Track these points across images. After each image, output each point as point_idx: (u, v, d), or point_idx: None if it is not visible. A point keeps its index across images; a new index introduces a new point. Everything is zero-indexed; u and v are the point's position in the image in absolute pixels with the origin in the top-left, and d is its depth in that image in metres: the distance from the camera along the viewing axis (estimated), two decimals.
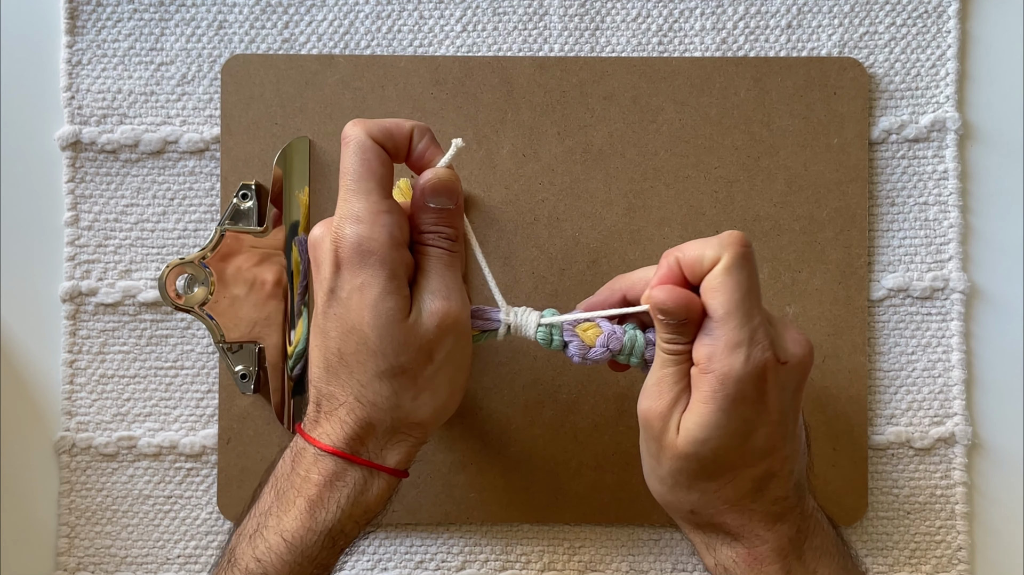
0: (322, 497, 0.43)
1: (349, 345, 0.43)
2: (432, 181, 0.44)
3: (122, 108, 0.56)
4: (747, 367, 0.40)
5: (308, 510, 0.43)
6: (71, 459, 0.56)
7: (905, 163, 0.56)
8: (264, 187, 0.55)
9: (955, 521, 0.56)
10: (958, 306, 0.56)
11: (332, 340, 0.43)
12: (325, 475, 0.43)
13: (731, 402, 0.40)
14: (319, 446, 0.44)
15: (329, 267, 0.43)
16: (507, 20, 0.56)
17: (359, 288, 0.42)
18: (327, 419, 0.44)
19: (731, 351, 0.40)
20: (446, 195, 0.44)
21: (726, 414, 0.41)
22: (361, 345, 0.42)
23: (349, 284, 0.42)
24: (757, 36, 0.56)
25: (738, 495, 0.43)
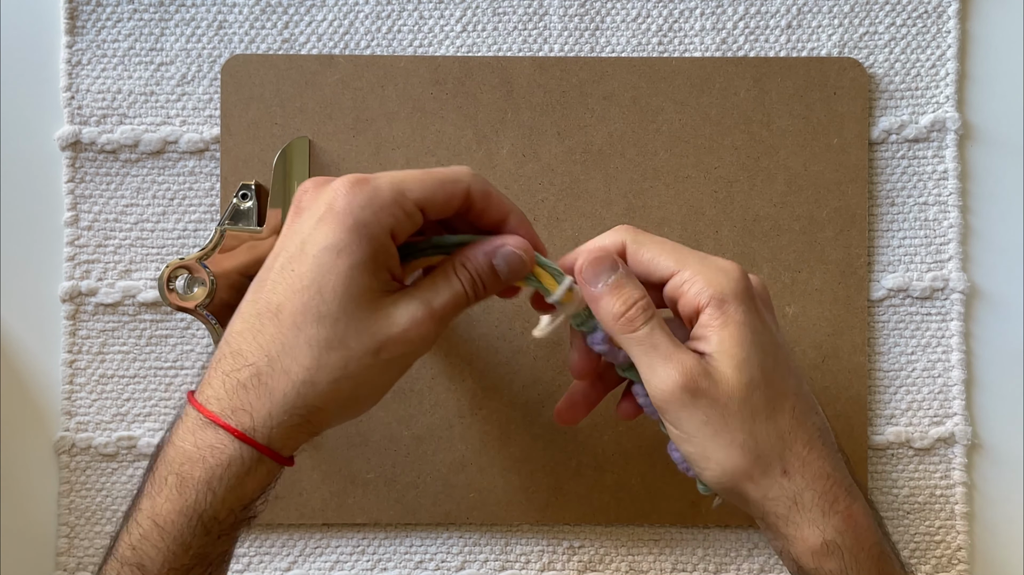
0: (193, 475, 0.38)
1: (294, 302, 0.38)
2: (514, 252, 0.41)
3: (122, 108, 0.56)
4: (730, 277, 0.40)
5: (178, 488, 0.38)
6: (71, 459, 0.56)
7: (905, 163, 0.56)
8: (264, 187, 0.55)
9: (955, 521, 0.56)
10: (958, 306, 0.56)
11: (276, 294, 0.39)
12: (200, 447, 0.38)
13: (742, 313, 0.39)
14: (202, 411, 0.39)
15: (314, 218, 0.39)
16: (507, 20, 0.56)
17: (341, 248, 0.38)
18: (222, 381, 0.39)
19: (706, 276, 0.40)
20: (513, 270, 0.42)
21: (746, 327, 0.39)
22: (310, 304, 0.38)
23: (328, 239, 0.38)
24: (757, 36, 0.56)
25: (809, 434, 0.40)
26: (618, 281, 0.41)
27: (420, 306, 0.40)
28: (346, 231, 0.38)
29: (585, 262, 0.41)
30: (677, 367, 0.39)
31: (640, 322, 0.40)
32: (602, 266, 0.41)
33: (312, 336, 0.38)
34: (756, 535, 0.56)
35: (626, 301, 0.41)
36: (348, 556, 0.56)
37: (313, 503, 0.55)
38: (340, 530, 0.56)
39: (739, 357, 0.39)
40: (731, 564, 0.56)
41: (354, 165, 0.55)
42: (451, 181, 0.41)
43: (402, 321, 0.39)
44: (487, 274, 0.41)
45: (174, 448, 0.39)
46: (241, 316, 0.40)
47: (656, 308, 0.41)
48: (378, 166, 0.55)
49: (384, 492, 0.55)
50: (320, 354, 0.38)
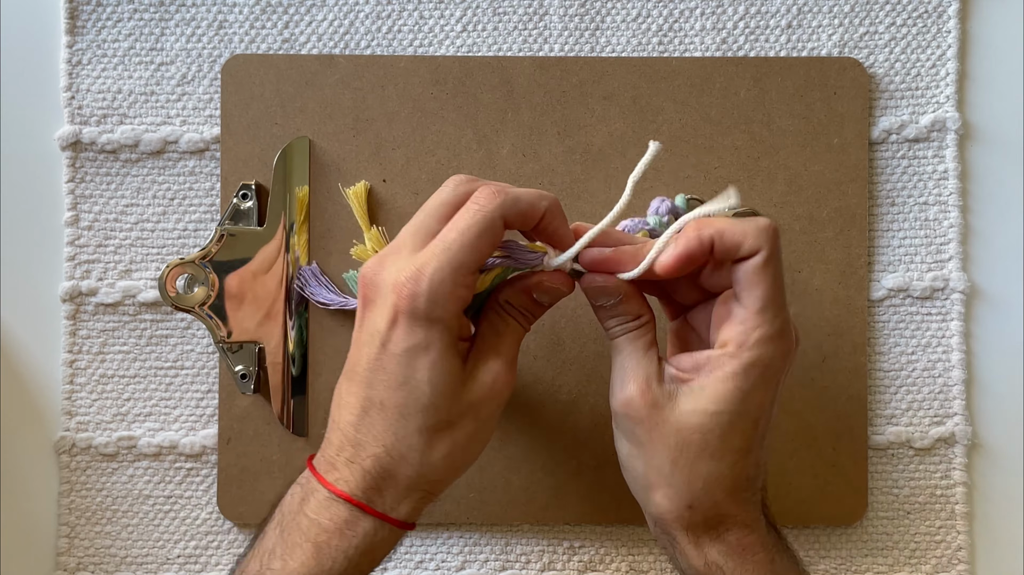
0: (330, 544, 0.42)
1: (396, 398, 0.41)
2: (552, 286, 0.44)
3: (122, 108, 0.56)
4: (781, 359, 0.42)
5: (315, 556, 0.42)
6: (71, 459, 0.56)
7: (905, 163, 0.56)
8: (264, 187, 0.55)
9: (955, 521, 0.56)
10: (958, 306, 0.56)
11: (376, 391, 0.42)
12: (336, 522, 0.42)
13: (753, 386, 0.41)
14: (335, 491, 0.42)
15: (386, 318, 0.41)
16: (507, 20, 0.56)
17: (422, 347, 0.41)
18: (347, 466, 0.43)
19: (767, 342, 0.41)
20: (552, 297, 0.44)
21: (745, 394, 0.41)
22: (410, 399, 0.41)
23: (407, 342, 0.41)
24: (757, 36, 0.56)
25: (736, 483, 0.43)
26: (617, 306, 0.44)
27: (496, 360, 0.43)
28: (423, 330, 0.41)
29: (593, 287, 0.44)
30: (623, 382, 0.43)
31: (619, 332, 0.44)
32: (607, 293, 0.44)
33: (419, 424, 0.42)
34: None
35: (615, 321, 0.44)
36: None
37: None
38: None
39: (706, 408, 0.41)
40: None
41: (354, 165, 0.55)
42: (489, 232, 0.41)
43: (488, 380, 0.43)
44: (532, 306, 0.44)
45: (307, 520, 0.43)
46: (348, 409, 0.43)
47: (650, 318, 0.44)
48: (378, 166, 0.55)
49: None
50: (430, 438, 0.42)
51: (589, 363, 0.55)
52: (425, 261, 0.40)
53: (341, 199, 0.55)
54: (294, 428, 0.55)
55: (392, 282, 0.41)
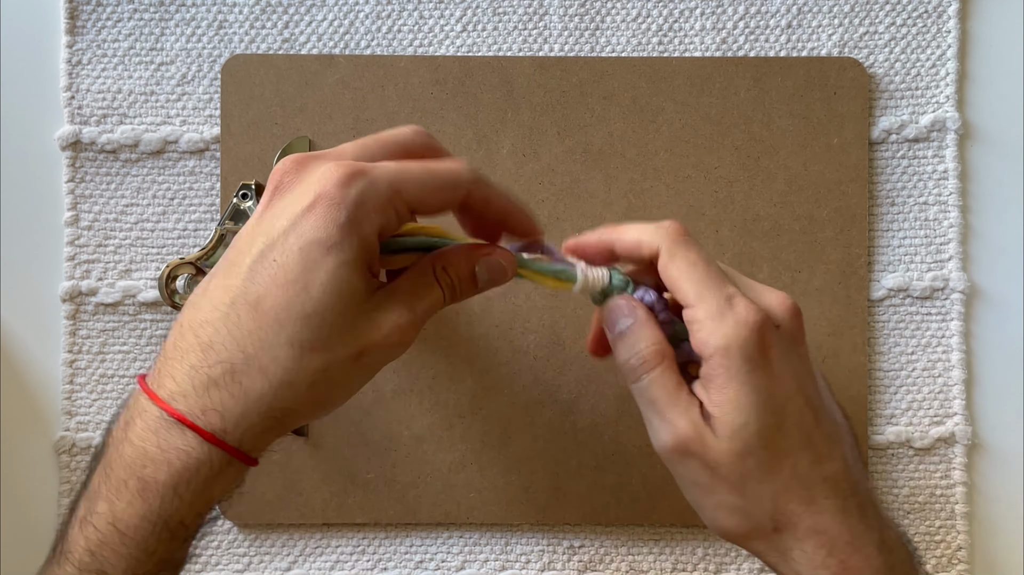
0: (158, 478, 0.35)
1: (277, 296, 0.35)
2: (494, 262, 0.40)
3: (122, 108, 0.56)
4: (739, 329, 0.38)
5: (141, 494, 0.36)
6: (71, 459, 0.56)
7: (905, 163, 0.56)
8: (264, 187, 0.55)
9: (955, 521, 0.56)
10: (958, 306, 0.56)
11: (255, 284, 0.36)
12: (164, 449, 0.35)
13: (745, 372, 0.38)
14: (167, 409, 0.35)
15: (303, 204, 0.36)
16: (507, 20, 0.56)
17: (326, 246, 0.35)
18: (188, 377, 0.36)
19: (716, 321, 0.38)
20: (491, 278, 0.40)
21: (748, 386, 0.38)
22: (296, 301, 0.35)
23: (319, 232, 0.35)
24: (757, 36, 0.56)
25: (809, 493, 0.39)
26: (629, 329, 0.40)
27: (404, 311, 0.38)
28: (338, 227, 0.35)
29: (605, 311, 0.41)
30: (669, 429, 0.39)
31: (641, 372, 0.40)
32: (619, 314, 0.41)
33: (295, 335, 0.35)
34: None
35: (630, 348, 0.40)
36: (348, 556, 0.56)
37: (313, 503, 0.55)
38: (340, 530, 0.56)
39: (736, 424, 0.38)
40: (731, 564, 0.56)
41: None
42: (451, 185, 0.39)
43: (386, 326, 0.37)
44: (466, 281, 0.40)
45: (132, 447, 0.36)
46: (211, 303, 0.36)
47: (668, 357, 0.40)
48: None
49: (384, 492, 0.55)
50: (302, 355, 0.36)
51: (589, 363, 0.55)
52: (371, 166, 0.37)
53: None
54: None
55: (324, 169, 0.36)
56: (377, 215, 0.36)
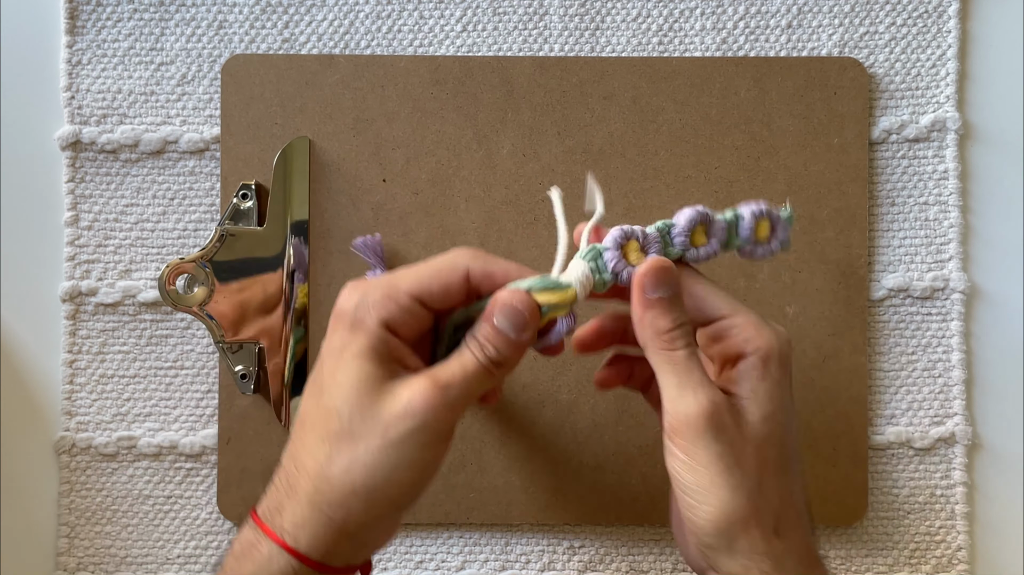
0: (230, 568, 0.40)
1: (309, 406, 0.40)
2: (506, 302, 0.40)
3: (122, 108, 0.56)
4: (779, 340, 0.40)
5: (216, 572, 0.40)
6: (71, 459, 0.56)
7: (905, 163, 0.56)
8: (264, 187, 0.55)
9: (955, 521, 0.56)
10: (958, 306, 0.56)
11: (303, 405, 0.41)
12: (242, 545, 0.40)
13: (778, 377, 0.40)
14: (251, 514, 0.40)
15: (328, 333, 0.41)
16: (507, 20, 0.56)
17: (340, 348, 0.39)
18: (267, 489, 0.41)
19: (758, 329, 0.40)
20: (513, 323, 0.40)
21: (780, 387, 0.40)
22: (320, 404, 0.39)
23: (329, 346, 0.40)
24: (757, 36, 0.56)
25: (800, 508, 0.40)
26: (674, 298, 0.40)
27: (423, 379, 0.39)
28: (345, 330, 0.40)
29: (650, 270, 0.40)
30: (708, 395, 0.39)
31: (681, 344, 0.39)
32: (665, 279, 0.40)
33: (323, 431, 0.39)
34: None
35: (675, 320, 0.40)
36: None
37: None
38: None
39: (769, 410, 0.39)
40: None
41: (354, 165, 0.55)
42: (447, 268, 0.40)
43: (404, 396, 0.38)
44: (494, 336, 0.40)
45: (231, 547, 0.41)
46: (292, 434, 0.41)
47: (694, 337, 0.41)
48: (378, 166, 0.55)
49: None
50: (331, 446, 0.39)
51: (589, 363, 0.55)
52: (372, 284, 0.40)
53: (341, 199, 0.55)
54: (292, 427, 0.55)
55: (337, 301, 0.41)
56: (377, 309, 0.39)
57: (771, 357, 0.40)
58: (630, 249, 0.41)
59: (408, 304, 0.40)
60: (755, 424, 0.39)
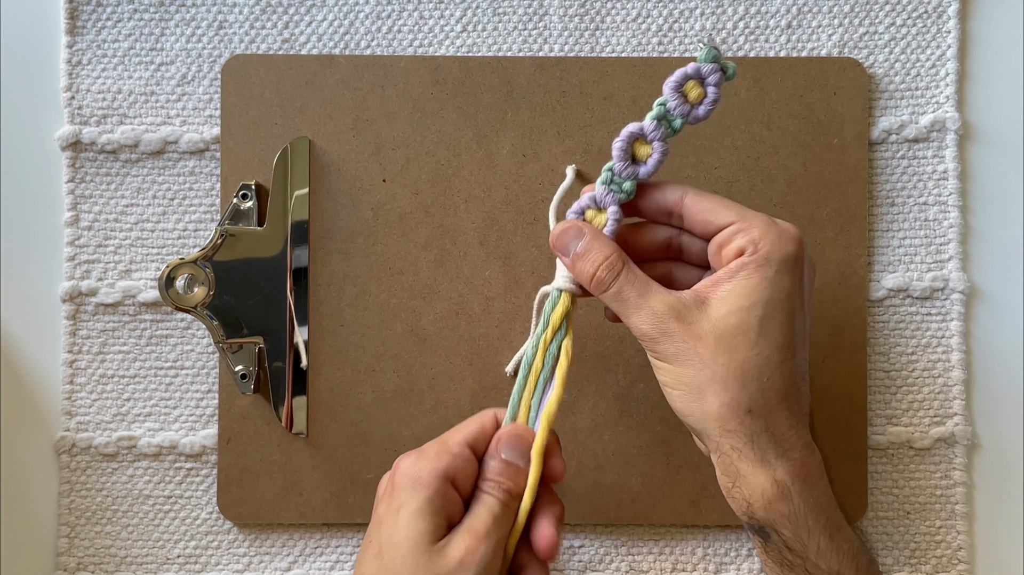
0: None
1: (373, 567, 0.42)
2: (509, 433, 0.44)
3: (122, 108, 0.56)
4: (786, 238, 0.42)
5: None
6: (71, 459, 0.56)
7: (905, 163, 0.56)
8: (264, 187, 0.55)
9: (955, 521, 0.56)
10: (958, 306, 0.56)
11: (363, 566, 0.43)
12: None
13: (777, 272, 0.41)
14: None
15: (380, 502, 0.44)
16: (507, 20, 0.56)
17: (396, 509, 0.42)
18: None
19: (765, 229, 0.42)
20: (519, 451, 0.44)
21: (772, 282, 0.41)
22: (383, 563, 0.42)
23: (388, 506, 0.43)
24: (757, 36, 0.56)
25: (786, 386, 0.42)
26: (584, 246, 0.44)
27: (466, 534, 0.42)
28: (403, 490, 0.42)
29: (555, 233, 0.45)
30: (646, 314, 0.42)
31: (609, 280, 0.43)
32: (568, 236, 0.44)
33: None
34: None
35: (593, 262, 0.44)
36: (348, 556, 0.56)
37: (313, 503, 0.55)
38: (340, 530, 0.56)
39: (739, 304, 0.41)
40: (731, 564, 0.56)
41: (354, 165, 0.55)
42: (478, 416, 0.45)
43: (455, 554, 0.42)
44: (506, 470, 0.44)
45: None
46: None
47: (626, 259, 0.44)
48: (378, 166, 0.55)
49: None
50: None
51: (589, 363, 0.55)
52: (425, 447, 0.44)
53: (341, 199, 0.55)
54: (294, 428, 0.55)
55: (399, 468, 0.44)
56: (431, 463, 0.43)
57: (770, 258, 0.41)
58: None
59: (460, 451, 0.44)
60: (716, 318, 0.41)
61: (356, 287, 0.55)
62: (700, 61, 0.43)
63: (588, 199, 0.45)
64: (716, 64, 0.43)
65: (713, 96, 0.44)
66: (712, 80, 0.43)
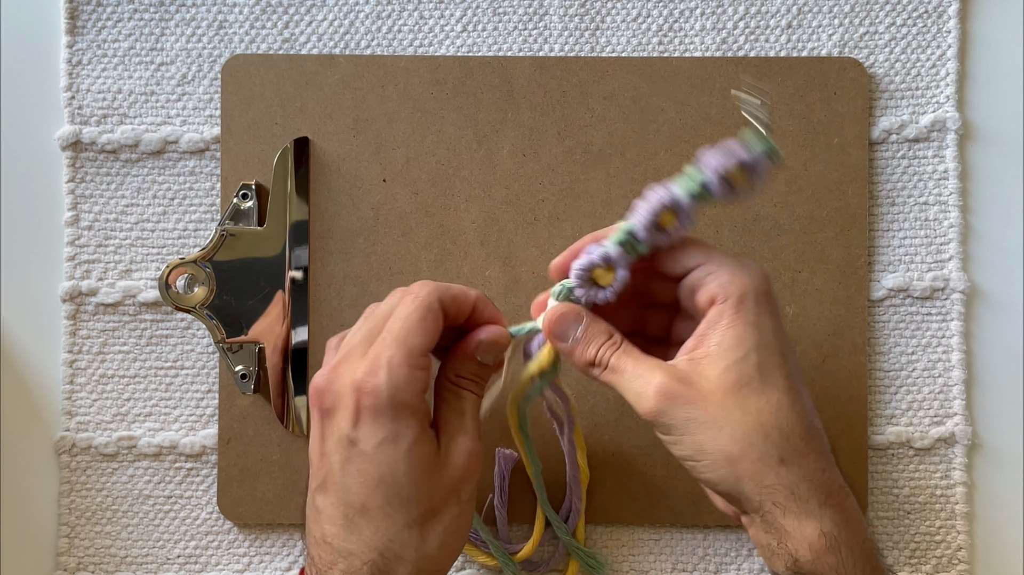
0: None
1: (376, 498, 0.41)
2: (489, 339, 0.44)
3: (122, 108, 0.56)
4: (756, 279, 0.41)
5: None
6: (71, 459, 0.56)
7: (905, 163, 0.56)
8: (264, 187, 0.55)
9: (955, 521, 0.56)
10: (958, 306, 0.56)
11: (354, 495, 0.41)
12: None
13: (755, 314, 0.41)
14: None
15: (349, 420, 0.41)
16: (507, 20, 0.56)
17: (391, 439, 0.41)
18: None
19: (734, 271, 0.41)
20: (495, 353, 0.45)
21: (756, 326, 0.41)
22: (392, 496, 0.41)
23: (377, 436, 0.41)
24: (757, 36, 0.56)
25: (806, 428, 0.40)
26: (585, 331, 0.43)
27: (465, 438, 0.43)
28: (390, 422, 0.41)
29: (552, 320, 0.44)
30: (648, 383, 0.41)
31: (608, 356, 0.43)
32: (568, 321, 0.44)
33: (407, 519, 0.41)
34: None
35: (595, 345, 0.43)
36: None
37: None
38: None
39: (734, 357, 0.40)
40: (731, 564, 0.56)
41: (354, 165, 0.55)
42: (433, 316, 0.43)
43: (462, 460, 0.42)
44: (480, 370, 0.45)
45: None
46: (329, 520, 0.42)
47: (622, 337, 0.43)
48: (378, 166, 0.55)
49: None
50: (421, 530, 0.41)
51: None
52: (377, 354, 0.41)
53: (341, 199, 0.55)
54: (294, 428, 0.55)
55: (349, 383, 0.41)
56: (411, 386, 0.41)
57: (744, 299, 0.41)
58: (597, 275, 0.43)
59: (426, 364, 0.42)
60: (716, 376, 0.40)
61: (356, 287, 0.55)
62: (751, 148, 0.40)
63: (600, 258, 0.42)
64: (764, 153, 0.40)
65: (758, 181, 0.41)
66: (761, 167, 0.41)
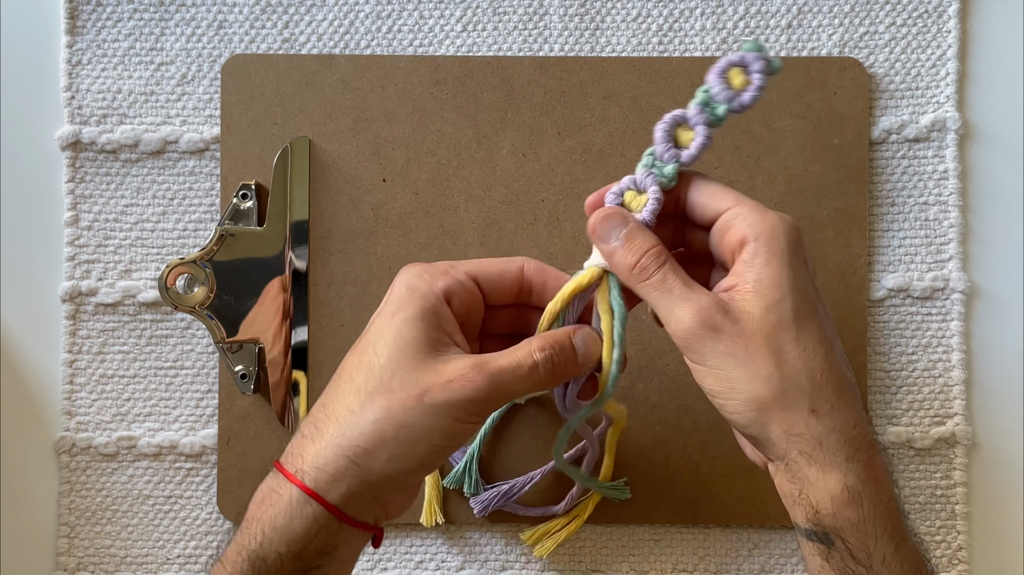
0: (251, 514, 0.41)
1: (351, 360, 0.41)
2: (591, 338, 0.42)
3: (122, 108, 0.56)
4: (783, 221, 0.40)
5: (241, 529, 0.41)
6: (71, 459, 0.56)
7: (905, 163, 0.56)
8: (264, 187, 0.55)
9: (955, 521, 0.56)
10: (958, 306, 0.56)
11: (346, 360, 0.42)
12: (265, 492, 0.41)
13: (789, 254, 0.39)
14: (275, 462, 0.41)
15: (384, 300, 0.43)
16: (507, 20, 0.56)
17: (391, 313, 0.41)
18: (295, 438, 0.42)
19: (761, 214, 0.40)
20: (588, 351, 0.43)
21: (789, 267, 0.39)
22: (362, 359, 0.41)
23: (383, 309, 0.42)
24: (757, 36, 0.56)
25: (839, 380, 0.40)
26: (629, 233, 0.41)
27: (472, 362, 0.41)
28: (400, 296, 0.42)
29: (596, 220, 0.42)
30: (693, 306, 0.40)
31: (653, 269, 0.41)
32: (612, 222, 0.42)
33: (359, 383, 0.40)
34: (756, 535, 0.56)
35: (637, 251, 0.41)
36: None
37: None
38: None
39: (773, 297, 0.39)
40: (731, 564, 0.56)
41: (354, 165, 0.55)
42: (503, 260, 0.44)
43: (449, 373, 0.40)
44: (562, 349, 0.42)
45: (253, 496, 0.42)
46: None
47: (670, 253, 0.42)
48: (378, 166, 0.55)
49: None
50: (365, 397, 0.40)
51: None
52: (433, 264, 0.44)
53: (341, 199, 0.55)
54: (294, 428, 0.55)
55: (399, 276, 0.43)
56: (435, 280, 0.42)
57: (775, 238, 0.40)
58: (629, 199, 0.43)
59: (464, 280, 0.43)
60: (758, 315, 0.39)
61: (356, 287, 0.55)
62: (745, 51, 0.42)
63: (628, 181, 0.43)
64: (761, 53, 0.41)
65: (759, 83, 0.41)
66: (757, 67, 0.41)
